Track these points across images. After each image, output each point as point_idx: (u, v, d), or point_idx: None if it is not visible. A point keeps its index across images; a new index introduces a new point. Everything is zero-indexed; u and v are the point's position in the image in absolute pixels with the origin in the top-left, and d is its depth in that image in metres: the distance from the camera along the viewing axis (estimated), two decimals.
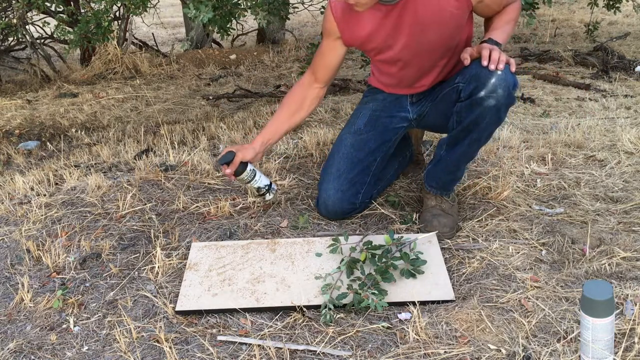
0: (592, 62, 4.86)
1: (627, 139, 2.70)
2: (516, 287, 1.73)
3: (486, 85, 1.78)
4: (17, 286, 1.86)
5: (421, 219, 2.05)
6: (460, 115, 1.88)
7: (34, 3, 4.36)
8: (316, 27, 7.78)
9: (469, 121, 1.85)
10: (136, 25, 6.88)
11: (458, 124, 1.90)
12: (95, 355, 1.57)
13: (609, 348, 1.37)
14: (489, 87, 1.78)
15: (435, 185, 2.05)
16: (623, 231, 1.98)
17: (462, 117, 1.87)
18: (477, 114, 1.83)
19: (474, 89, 1.81)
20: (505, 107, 1.82)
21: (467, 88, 1.83)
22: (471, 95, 1.82)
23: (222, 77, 5.29)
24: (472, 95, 1.82)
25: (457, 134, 1.91)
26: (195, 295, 1.75)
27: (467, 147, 1.92)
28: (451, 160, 1.98)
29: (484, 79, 1.79)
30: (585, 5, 5.57)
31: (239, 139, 2.98)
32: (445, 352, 1.50)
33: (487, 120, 1.83)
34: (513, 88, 1.81)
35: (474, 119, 1.84)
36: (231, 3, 3.24)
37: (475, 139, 1.90)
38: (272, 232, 2.08)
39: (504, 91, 1.78)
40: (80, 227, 2.17)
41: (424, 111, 2.13)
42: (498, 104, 1.79)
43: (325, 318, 1.63)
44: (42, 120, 4.09)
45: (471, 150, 1.94)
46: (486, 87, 1.78)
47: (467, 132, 1.88)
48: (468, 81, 1.84)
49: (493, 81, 1.77)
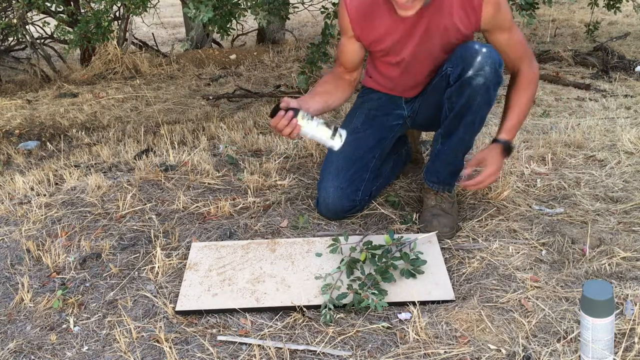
0: (592, 62, 4.86)
1: (627, 139, 2.70)
2: (516, 287, 1.73)
3: (473, 65, 1.83)
4: (17, 286, 1.86)
5: (421, 219, 2.05)
6: (451, 101, 1.92)
7: (34, 3, 4.36)
8: (316, 27, 7.77)
9: (461, 104, 1.88)
10: (136, 25, 6.88)
11: (450, 111, 1.93)
12: (95, 355, 1.57)
13: (609, 348, 1.37)
14: (476, 65, 1.83)
15: (436, 181, 2.05)
16: (623, 231, 1.98)
17: (454, 102, 1.91)
18: (468, 94, 1.86)
19: (461, 70, 1.86)
20: (494, 86, 1.86)
21: (455, 71, 1.88)
22: (460, 76, 1.86)
23: (222, 77, 5.29)
24: (461, 76, 1.86)
25: (450, 122, 1.94)
26: (195, 295, 1.75)
27: (462, 134, 1.94)
28: (449, 151, 1.99)
29: (470, 59, 1.84)
30: (585, 5, 5.57)
31: (239, 139, 2.98)
32: (445, 352, 1.50)
33: (479, 101, 1.87)
34: (500, 66, 1.86)
35: (466, 102, 1.87)
36: (231, 3, 3.24)
37: (469, 123, 1.92)
38: (272, 232, 2.08)
39: (490, 68, 1.83)
40: (80, 227, 2.17)
41: (416, 108, 2.16)
42: (487, 81, 1.84)
43: (325, 318, 1.63)
44: (42, 120, 4.09)
45: (466, 137, 1.96)
46: (473, 66, 1.83)
47: (460, 117, 1.91)
48: (455, 64, 1.89)
49: (479, 59, 1.83)
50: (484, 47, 1.85)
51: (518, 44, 1.97)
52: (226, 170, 2.56)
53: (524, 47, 1.99)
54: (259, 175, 2.45)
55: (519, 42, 1.97)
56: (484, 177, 1.93)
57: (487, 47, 1.86)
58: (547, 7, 4.05)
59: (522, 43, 1.99)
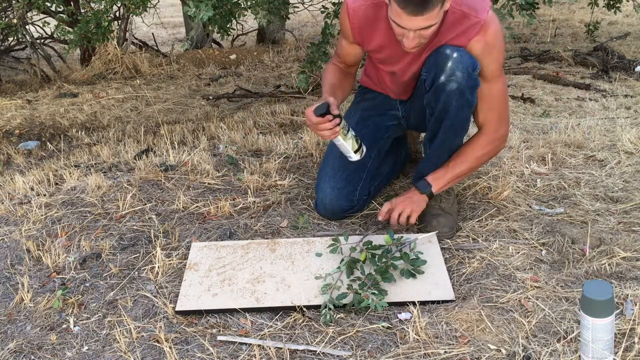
0: (592, 62, 4.86)
1: (627, 139, 2.70)
2: (516, 287, 1.73)
3: (444, 70, 1.83)
4: (17, 286, 1.86)
5: (421, 219, 2.05)
6: (430, 106, 1.93)
7: (34, 3, 4.36)
8: (316, 27, 7.77)
9: (439, 110, 1.89)
10: (136, 25, 6.87)
11: (431, 115, 1.95)
12: (95, 355, 1.57)
13: (609, 348, 1.37)
14: (447, 71, 1.82)
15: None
16: (623, 231, 1.98)
17: (432, 108, 1.92)
18: (443, 100, 1.86)
19: (434, 76, 1.86)
20: (469, 89, 1.85)
21: (429, 77, 1.88)
22: (433, 82, 1.87)
23: (222, 77, 5.29)
24: (434, 82, 1.86)
25: (432, 126, 1.96)
26: (195, 295, 1.75)
27: (444, 136, 1.94)
28: (433, 154, 2.00)
29: (441, 64, 1.83)
30: (586, 5, 5.56)
31: (239, 139, 2.98)
32: (445, 352, 1.50)
33: (455, 105, 1.87)
34: (473, 69, 1.84)
35: (442, 107, 1.88)
36: (231, 2, 3.23)
37: (450, 126, 1.92)
38: (272, 232, 2.08)
39: (462, 73, 1.82)
40: (80, 227, 2.17)
41: (408, 109, 2.18)
42: (460, 86, 1.83)
43: (325, 318, 1.63)
44: (42, 120, 4.09)
45: (449, 138, 1.96)
46: (445, 72, 1.83)
47: (440, 121, 1.92)
48: (428, 70, 1.89)
49: (450, 65, 1.82)
50: (455, 51, 1.82)
51: (496, 99, 1.92)
52: (226, 170, 2.56)
53: (501, 105, 1.94)
54: (259, 175, 2.46)
55: (497, 98, 1.92)
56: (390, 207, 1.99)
57: (458, 50, 1.83)
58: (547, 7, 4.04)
59: (501, 100, 1.93)
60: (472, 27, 1.82)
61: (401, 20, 1.69)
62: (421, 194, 2.00)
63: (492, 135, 1.97)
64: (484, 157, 2.01)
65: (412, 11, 1.65)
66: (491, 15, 1.84)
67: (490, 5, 1.86)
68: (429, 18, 1.67)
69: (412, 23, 1.68)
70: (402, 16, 1.67)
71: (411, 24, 1.69)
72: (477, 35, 1.83)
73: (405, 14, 1.66)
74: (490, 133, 1.97)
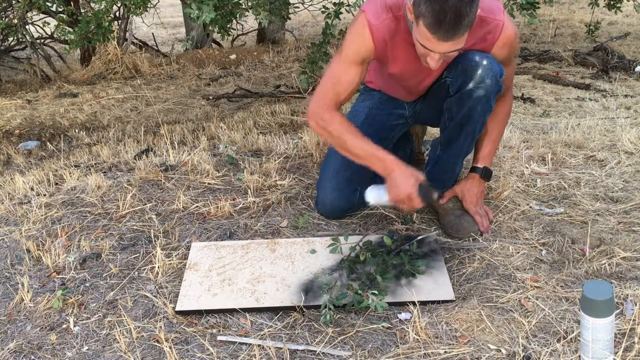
0: (592, 62, 4.86)
1: (627, 139, 2.70)
2: (516, 287, 1.73)
3: (474, 78, 1.83)
4: (17, 286, 1.86)
5: (446, 224, 2.02)
6: (451, 112, 1.92)
7: (35, 3, 4.36)
8: (316, 27, 7.77)
9: (462, 115, 1.89)
10: (136, 25, 6.88)
11: (450, 120, 1.93)
12: (95, 355, 1.57)
13: (609, 348, 1.37)
14: (477, 78, 1.83)
15: (435, 186, 2.06)
16: (623, 231, 1.98)
17: (454, 113, 1.91)
18: (469, 105, 1.87)
19: (462, 82, 1.85)
20: (494, 95, 1.88)
21: (455, 83, 1.88)
22: (460, 88, 1.86)
23: (222, 77, 5.29)
24: (461, 88, 1.86)
25: (450, 131, 1.95)
26: (195, 295, 1.75)
27: (463, 141, 1.96)
28: (449, 159, 2.00)
29: (471, 72, 1.83)
30: (586, 5, 5.56)
31: (239, 139, 2.98)
32: (445, 352, 1.50)
33: (479, 110, 1.88)
34: (500, 76, 1.86)
35: (467, 112, 1.88)
36: (232, 3, 3.23)
37: (470, 132, 1.93)
38: (272, 232, 2.08)
39: (491, 80, 1.83)
40: (80, 227, 2.17)
41: (418, 108, 2.16)
42: (487, 93, 1.85)
43: (325, 318, 1.63)
44: (42, 120, 4.09)
45: (467, 144, 1.98)
46: (474, 79, 1.83)
47: (461, 126, 1.92)
48: (455, 76, 1.88)
49: (480, 72, 1.82)
50: (485, 58, 1.82)
51: (509, 76, 1.98)
52: (226, 170, 2.56)
53: (511, 81, 2.03)
54: (259, 175, 2.45)
55: (510, 75, 1.99)
56: (482, 216, 2.01)
57: (487, 58, 1.83)
58: (547, 7, 4.04)
59: (512, 76, 2.02)
60: (493, 30, 1.82)
61: (429, 43, 1.64)
62: (482, 180, 2.05)
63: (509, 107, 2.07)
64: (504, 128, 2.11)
65: (443, 37, 1.60)
66: (506, 13, 1.85)
67: (502, 3, 1.86)
68: (458, 42, 1.64)
69: (440, 47, 1.64)
70: (432, 40, 1.63)
71: (440, 48, 1.64)
72: (500, 38, 1.83)
73: (436, 39, 1.62)
74: (508, 103, 2.05)
